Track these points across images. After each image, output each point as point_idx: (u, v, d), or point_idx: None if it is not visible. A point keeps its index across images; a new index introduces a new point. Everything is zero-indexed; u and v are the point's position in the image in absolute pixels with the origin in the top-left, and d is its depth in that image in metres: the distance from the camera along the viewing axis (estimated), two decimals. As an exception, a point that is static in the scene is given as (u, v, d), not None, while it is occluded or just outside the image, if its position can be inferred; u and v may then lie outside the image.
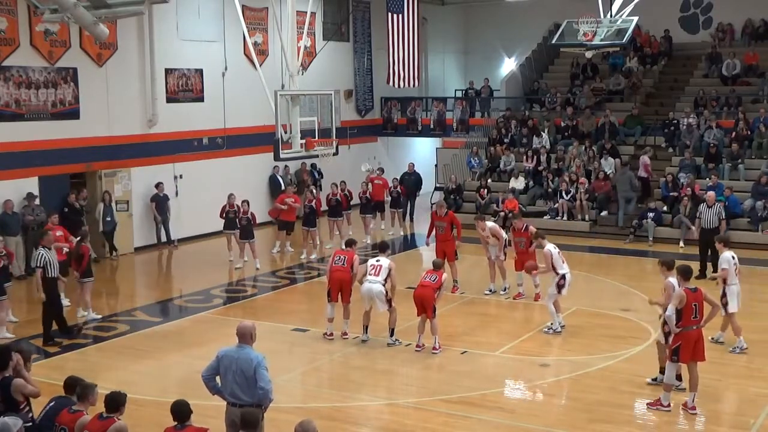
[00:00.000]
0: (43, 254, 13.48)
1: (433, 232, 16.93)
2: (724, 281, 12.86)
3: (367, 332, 13.36)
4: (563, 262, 13.77)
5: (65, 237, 15.67)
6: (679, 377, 10.86)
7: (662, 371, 10.94)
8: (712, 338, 12.72)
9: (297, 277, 18.55)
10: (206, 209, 20.92)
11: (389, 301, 13.03)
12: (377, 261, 13.29)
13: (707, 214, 17.54)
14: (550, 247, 13.79)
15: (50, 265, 13.51)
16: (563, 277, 13.60)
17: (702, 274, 16.96)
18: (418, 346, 12.87)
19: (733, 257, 12.98)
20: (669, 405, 10.40)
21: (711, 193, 18.32)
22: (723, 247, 13.26)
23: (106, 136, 20.13)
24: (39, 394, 8.28)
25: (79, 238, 15.07)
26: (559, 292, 13.62)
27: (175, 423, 7.25)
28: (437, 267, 13.11)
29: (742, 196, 21.21)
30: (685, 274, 10.53)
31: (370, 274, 13.06)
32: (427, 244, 17.50)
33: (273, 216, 19.95)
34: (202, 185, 21.99)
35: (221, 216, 19.34)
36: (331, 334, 13.48)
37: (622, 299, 15.81)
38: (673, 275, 10.85)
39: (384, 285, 12.96)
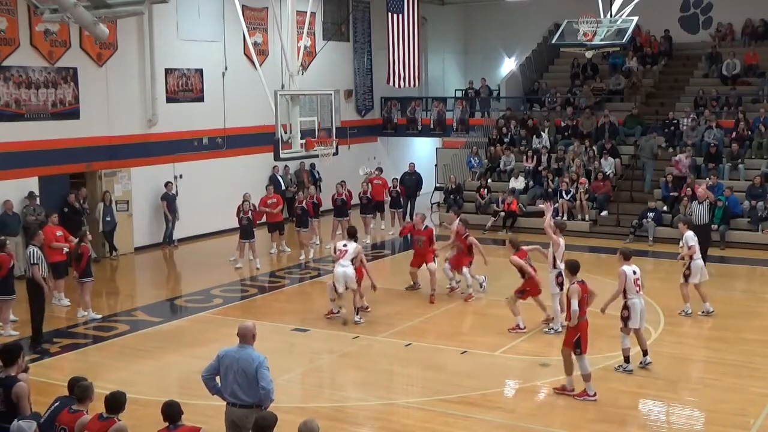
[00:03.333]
0: (36, 251, 13.48)
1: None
2: (690, 257, 14.47)
3: (358, 313, 14.32)
4: (560, 260, 13.69)
5: (65, 237, 15.67)
6: (627, 359, 11.69)
7: (645, 353, 11.93)
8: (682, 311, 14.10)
9: (297, 277, 18.54)
10: (206, 209, 20.93)
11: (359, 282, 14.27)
12: (344, 246, 14.20)
13: (698, 209, 17.92)
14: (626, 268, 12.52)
15: (42, 262, 13.49)
16: (560, 273, 13.45)
17: None
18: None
19: (695, 236, 14.55)
20: (594, 394, 10.82)
21: (701, 189, 18.55)
22: (685, 227, 14.76)
23: (106, 136, 20.14)
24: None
25: (78, 238, 15.07)
26: (561, 289, 13.54)
27: (167, 424, 7.22)
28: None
29: (743, 196, 21.23)
30: (572, 269, 11.21)
31: (338, 258, 14.08)
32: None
33: (257, 218, 20.02)
34: (202, 185, 21.99)
35: (237, 215, 19.17)
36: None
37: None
38: (627, 264, 11.93)
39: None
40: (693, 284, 14.60)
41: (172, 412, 7.24)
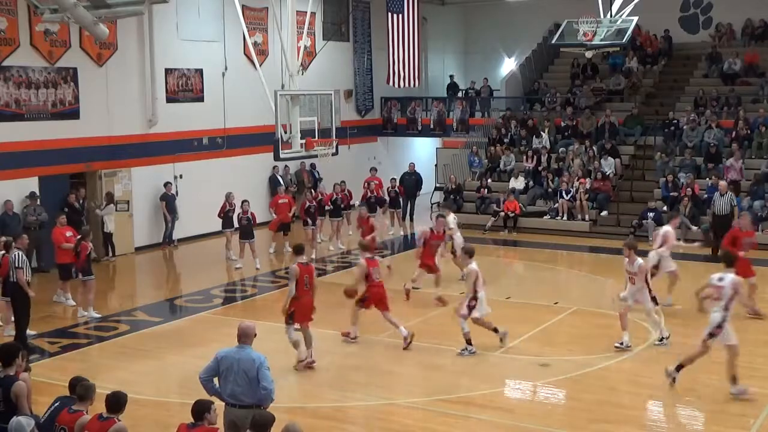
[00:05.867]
0: (21, 255, 13.17)
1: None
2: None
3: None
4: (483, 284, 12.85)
5: (74, 237, 15.60)
6: (469, 341, 12.50)
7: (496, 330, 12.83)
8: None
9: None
10: (206, 209, 20.90)
11: None
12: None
13: (720, 201, 19.46)
14: (474, 266, 12.73)
15: (26, 266, 13.27)
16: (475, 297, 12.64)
17: (715, 256, 18.27)
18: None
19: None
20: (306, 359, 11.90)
21: (723, 183, 20.04)
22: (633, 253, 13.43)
23: (106, 136, 20.14)
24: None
25: (80, 237, 15.08)
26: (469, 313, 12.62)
27: (191, 421, 7.23)
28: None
29: (742, 196, 21.22)
30: (297, 251, 12.18)
31: None
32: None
33: (273, 229, 20.22)
34: (202, 185, 21.98)
35: (219, 215, 19.40)
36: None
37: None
38: (472, 263, 12.49)
39: None
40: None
41: (199, 411, 7.23)
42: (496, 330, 12.93)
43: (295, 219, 20.74)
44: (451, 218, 17.42)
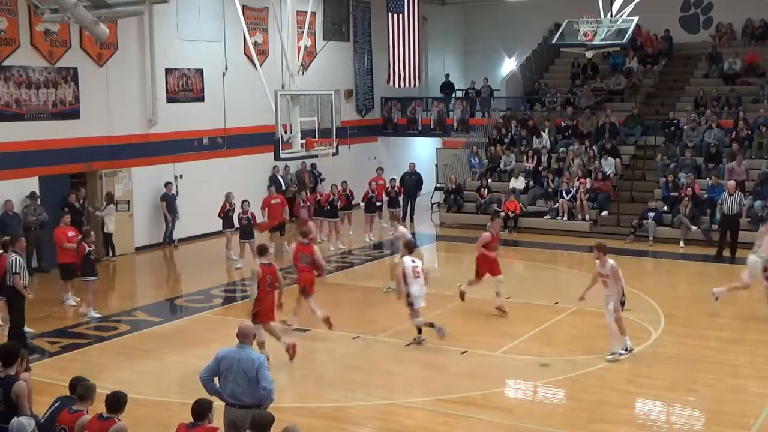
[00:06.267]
0: (18, 259, 13.00)
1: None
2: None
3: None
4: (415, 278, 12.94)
5: (77, 237, 15.60)
6: (419, 330, 12.93)
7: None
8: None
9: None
10: (206, 209, 20.91)
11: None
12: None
13: (729, 201, 19.61)
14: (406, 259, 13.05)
15: (24, 271, 13.14)
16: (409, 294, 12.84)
17: (720, 254, 19.43)
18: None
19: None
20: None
21: (731, 182, 20.08)
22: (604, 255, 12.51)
23: (107, 136, 20.14)
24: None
25: (80, 236, 15.08)
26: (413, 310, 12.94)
27: (190, 421, 7.22)
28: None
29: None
30: (260, 252, 12.15)
31: None
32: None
33: (263, 230, 20.26)
34: (202, 185, 21.98)
35: (220, 216, 19.41)
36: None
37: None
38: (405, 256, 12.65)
39: None
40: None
41: (200, 410, 7.22)
42: (431, 325, 12.98)
43: (289, 219, 20.75)
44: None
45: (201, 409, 7.22)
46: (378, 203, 22.56)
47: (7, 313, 13.67)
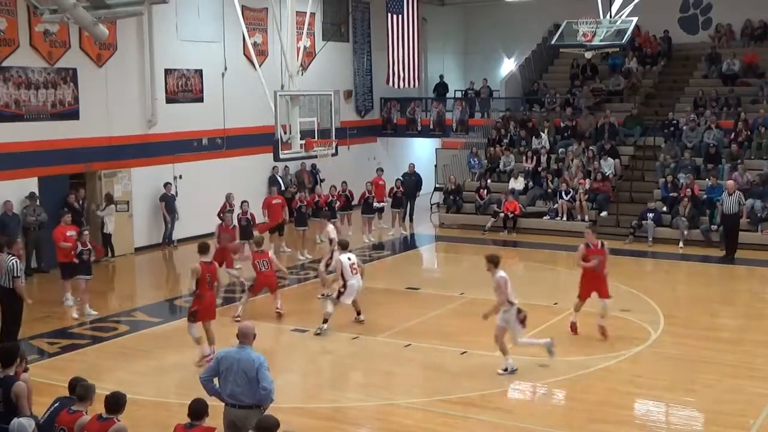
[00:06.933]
0: (18, 263, 12.89)
1: None
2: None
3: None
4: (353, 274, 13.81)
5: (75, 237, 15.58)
6: (325, 320, 13.49)
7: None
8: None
9: (296, 277, 18.52)
10: (206, 209, 20.89)
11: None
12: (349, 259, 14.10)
13: (728, 201, 19.55)
14: (342, 257, 13.88)
15: (23, 274, 13.10)
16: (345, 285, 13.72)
17: (728, 256, 19.38)
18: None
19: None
20: (209, 355, 11.62)
21: (731, 182, 20.06)
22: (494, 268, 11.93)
23: (106, 137, 20.13)
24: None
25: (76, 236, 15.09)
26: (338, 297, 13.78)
27: (187, 421, 7.20)
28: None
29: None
30: (201, 250, 12.39)
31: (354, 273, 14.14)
32: None
33: (262, 231, 20.23)
34: (201, 186, 21.97)
35: (219, 215, 19.38)
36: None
37: (621, 300, 15.77)
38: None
39: None
40: None
41: (197, 410, 7.21)
42: (359, 313, 14.17)
43: (287, 219, 20.74)
44: (330, 228, 17.25)
45: (198, 409, 7.22)
46: (377, 204, 22.50)
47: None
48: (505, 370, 11.78)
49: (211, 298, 12.29)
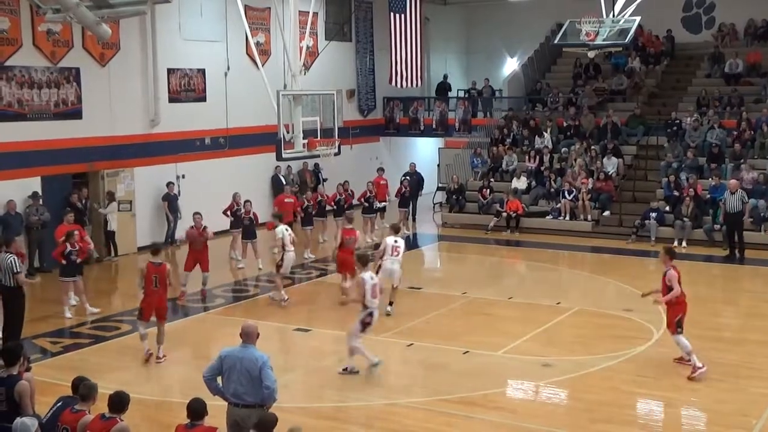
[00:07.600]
0: (17, 260, 12.91)
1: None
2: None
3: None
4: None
5: (81, 236, 15.59)
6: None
7: None
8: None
9: (299, 277, 18.53)
10: (208, 209, 20.82)
11: None
12: (395, 242, 14.95)
13: (731, 199, 19.54)
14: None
15: (23, 269, 13.14)
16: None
17: (732, 255, 19.45)
18: None
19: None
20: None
21: (733, 181, 20.09)
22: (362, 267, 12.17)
23: (109, 136, 20.15)
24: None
25: (64, 236, 15.07)
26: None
27: (188, 421, 7.21)
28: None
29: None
30: (152, 251, 12.55)
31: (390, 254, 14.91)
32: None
33: (270, 228, 20.18)
34: (204, 185, 21.97)
35: (225, 213, 19.36)
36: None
37: (624, 299, 15.79)
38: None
39: None
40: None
41: (196, 409, 7.21)
42: (390, 303, 14.56)
43: (296, 219, 20.74)
44: (281, 228, 16.13)
45: (197, 409, 7.22)
46: (378, 204, 22.45)
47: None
48: (345, 369, 11.88)
49: (157, 298, 12.46)
